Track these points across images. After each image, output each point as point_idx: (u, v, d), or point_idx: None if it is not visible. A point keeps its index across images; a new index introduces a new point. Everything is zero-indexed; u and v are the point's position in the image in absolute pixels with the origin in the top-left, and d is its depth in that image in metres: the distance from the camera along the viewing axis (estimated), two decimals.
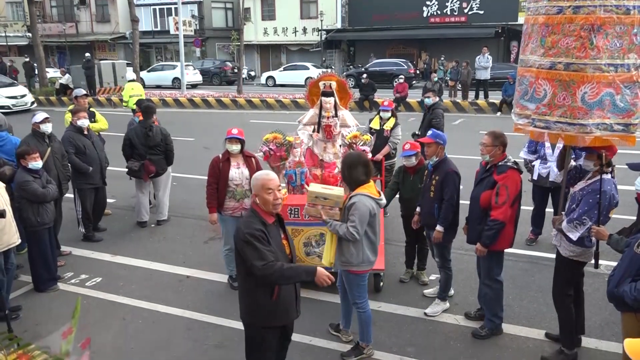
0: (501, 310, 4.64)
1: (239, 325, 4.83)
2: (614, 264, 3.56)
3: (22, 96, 20.13)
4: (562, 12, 3.61)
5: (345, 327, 4.61)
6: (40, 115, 6.23)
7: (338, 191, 4.14)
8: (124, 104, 13.70)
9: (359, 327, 4.33)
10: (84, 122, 6.82)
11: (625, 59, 3.49)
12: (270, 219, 3.19)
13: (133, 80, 14.25)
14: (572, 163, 4.35)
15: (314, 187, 4.24)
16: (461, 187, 4.87)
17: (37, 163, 5.47)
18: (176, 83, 27.17)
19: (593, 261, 3.97)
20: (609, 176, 3.94)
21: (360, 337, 4.35)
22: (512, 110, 4.18)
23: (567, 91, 3.64)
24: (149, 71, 30.23)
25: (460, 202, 4.88)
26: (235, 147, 5.40)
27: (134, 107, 9.23)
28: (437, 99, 8.97)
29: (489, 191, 4.30)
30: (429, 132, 4.97)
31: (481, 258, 4.54)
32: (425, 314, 4.99)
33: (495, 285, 4.54)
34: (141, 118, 7.57)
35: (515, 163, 4.37)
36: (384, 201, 4.14)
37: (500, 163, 4.32)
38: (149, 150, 7.33)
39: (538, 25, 3.78)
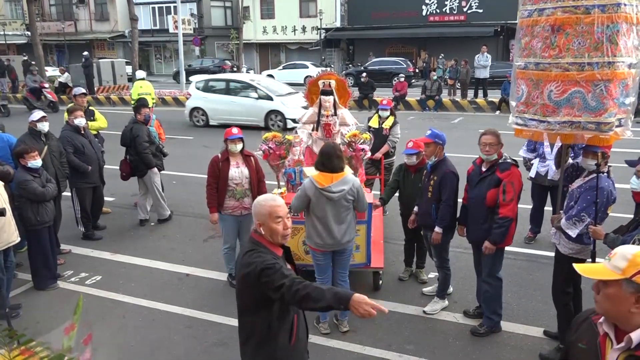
0: (500, 308, 4.65)
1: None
2: None
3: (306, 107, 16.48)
4: (530, 15, 3.80)
5: (340, 317, 4.78)
6: (37, 114, 6.23)
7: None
8: (132, 102, 13.58)
9: None
10: (80, 121, 6.81)
11: (591, 57, 3.54)
12: (279, 251, 2.69)
13: (142, 79, 14.14)
14: (570, 161, 4.38)
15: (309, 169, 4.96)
16: None
17: (36, 162, 5.47)
18: None
19: (590, 260, 3.99)
20: (606, 174, 3.96)
21: None
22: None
23: (538, 90, 3.81)
24: None
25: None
26: (238, 147, 5.41)
27: None
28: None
29: (495, 189, 4.31)
30: (428, 132, 4.94)
31: (485, 256, 4.54)
32: (424, 312, 5.01)
33: (496, 283, 4.56)
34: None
35: (513, 160, 4.40)
36: (333, 194, 4.21)
37: (500, 161, 4.35)
38: (128, 150, 7.46)
39: (518, 28, 4.00)
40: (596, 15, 3.47)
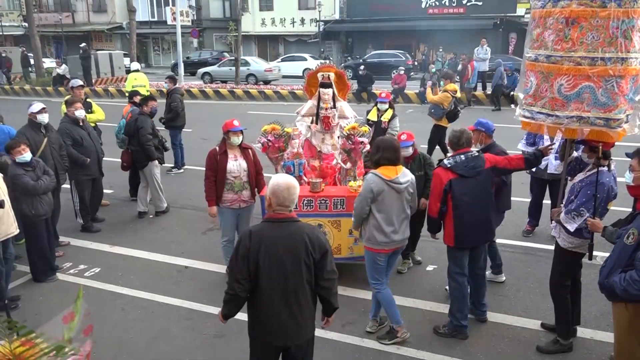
0: (460, 312, 4.48)
1: (238, 315, 4.86)
2: None
3: None
4: (544, 6, 3.71)
5: (372, 316, 4.70)
6: (37, 106, 6.20)
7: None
8: (127, 94, 13.44)
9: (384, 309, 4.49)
10: (80, 113, 6.79)
11: (604, 52, 3.48)
12: None
13: (137, 71, 14.04)
14: (575, 154, 4.35)
15: None
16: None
17: (23, 156, 5.34)
18: None
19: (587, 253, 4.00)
20: (607, 168, 3.96)
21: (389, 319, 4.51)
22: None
23: (548, 83, 3.74)
24: None
25: None
26: (240, 139, 5.40)
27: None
28: (175, 85, 10.24)
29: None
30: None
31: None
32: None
33: (453, 282, 4.46)
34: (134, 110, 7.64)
35: (448, 161, 4.30)
36: (401, 185, 4.16)
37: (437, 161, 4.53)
38: (131, 141, 7.49)
39: (531, 19, 3.92)
40: (612, 9, 3.40)
